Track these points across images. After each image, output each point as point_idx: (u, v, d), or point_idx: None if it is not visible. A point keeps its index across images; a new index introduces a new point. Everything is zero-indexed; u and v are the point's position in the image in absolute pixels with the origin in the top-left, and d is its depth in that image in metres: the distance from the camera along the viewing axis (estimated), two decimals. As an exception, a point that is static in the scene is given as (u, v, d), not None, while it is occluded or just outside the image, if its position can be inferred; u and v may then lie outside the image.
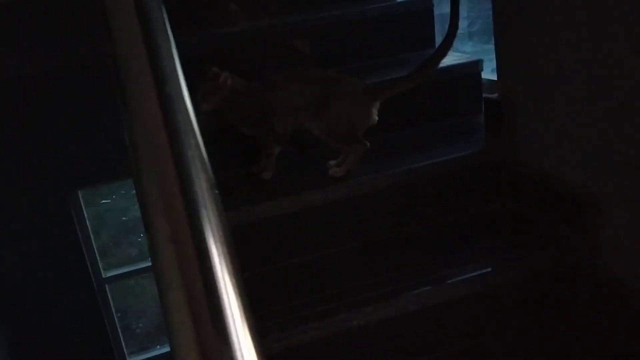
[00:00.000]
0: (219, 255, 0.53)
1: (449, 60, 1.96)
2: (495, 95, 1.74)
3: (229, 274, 0.52)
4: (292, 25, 2.04)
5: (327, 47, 2.06)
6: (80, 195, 3.29)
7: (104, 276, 3.45)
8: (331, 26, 2.05)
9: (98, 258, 3.42)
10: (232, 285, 0.51)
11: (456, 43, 1.68)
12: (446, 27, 1.61)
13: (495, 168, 1.72)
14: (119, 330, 3.56)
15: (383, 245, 1.63)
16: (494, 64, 1.81)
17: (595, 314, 1.54)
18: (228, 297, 0.51)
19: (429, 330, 1.50)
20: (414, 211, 1.69)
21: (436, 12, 2.13)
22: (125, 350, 3.59)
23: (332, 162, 1.63)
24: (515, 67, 1.66)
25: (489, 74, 1.98)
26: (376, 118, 1.60)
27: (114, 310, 3.51)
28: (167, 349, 3.68)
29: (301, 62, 2.02)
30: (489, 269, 1.51)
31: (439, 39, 2.14)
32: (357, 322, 1.39)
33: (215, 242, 0.54)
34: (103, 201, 4.55)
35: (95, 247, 3.39)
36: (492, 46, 1.79)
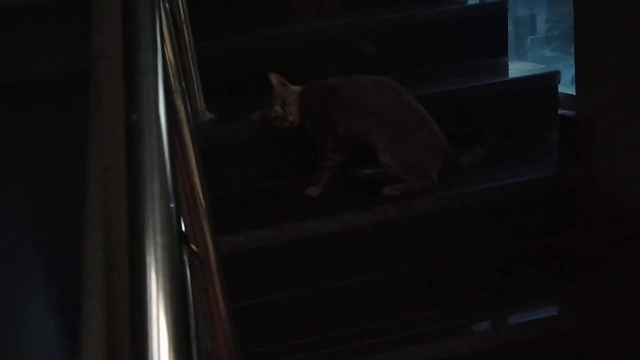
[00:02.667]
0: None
1: (522, 70, 1.79)
2: (572, 113, 1.54)
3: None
4: (355, 26, 1.93)
5: (392, 50, 1.93)
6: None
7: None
8: (397, 29, 1.92)
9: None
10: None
11: (534, 48, 1.52)
12: (519, 31, 1.44)
13: (569, 196, 1.51)
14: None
15: (432, 275, 1.47)
16: (573, 71, 1.62)
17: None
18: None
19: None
20: (471, 239, 1.52)
21: (509, 15, 1.95)
22: None
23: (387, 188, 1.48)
24: (597, 82, 1.46)
25: (567, 84, 1.78)
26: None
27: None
28: None
29: (364, 65, 1.90)
30: (555, 313, 1.33)
31: (511, 45, 1.96)
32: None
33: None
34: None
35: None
36: (571, 51, 1.59)
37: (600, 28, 1.41)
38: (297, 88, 1.53)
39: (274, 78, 1.51)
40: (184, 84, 0.86)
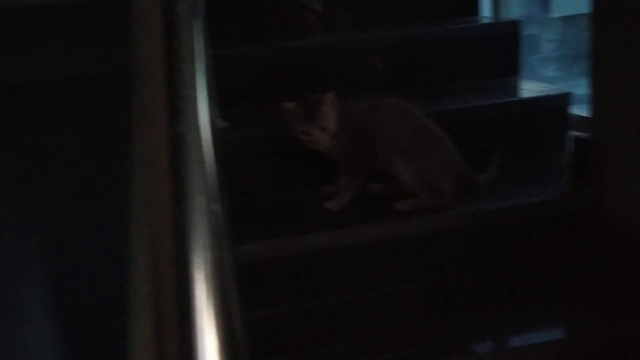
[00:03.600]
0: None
1: (534, 91, 1.79)
2: (587, 135, 1.54)
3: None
4: (366, 41, 1.93)
5: (402, 66, 1.93)
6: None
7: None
8: (408, 45, 1.92)
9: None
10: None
11: (537, 67, 1.52)
12: (530, 50, 1.45)
13: (579, 218, 1.51)
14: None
15: (441, 294, 1.47)
16: (577, 90, 1.63)
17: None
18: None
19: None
20: (480, 258, 1.51)
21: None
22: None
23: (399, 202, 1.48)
24: (613, 106, 1.46)
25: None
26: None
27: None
28: None
29: (374, 80, 1.90)
30: (563, 336, 1.32)
31: (523, 64, 1.96)
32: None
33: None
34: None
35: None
36: (575, 71, 1.60)
37: (618, 52, 1.41)
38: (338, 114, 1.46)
39: (330, 97, 1.42)
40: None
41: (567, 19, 4.40)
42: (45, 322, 2.84)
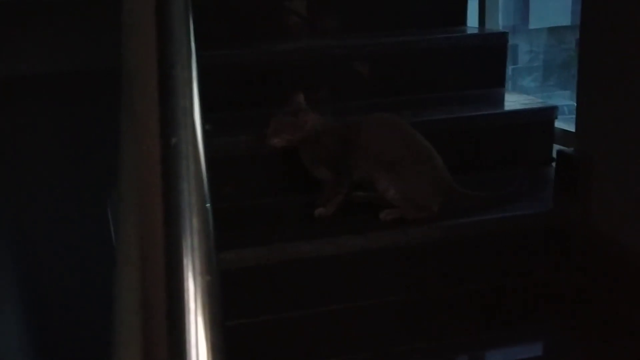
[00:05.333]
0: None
1: (519, 103, 1.79)
2: (571, 150, 1.54)
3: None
4: (352, 48, 1.91)
5: (388, 74, 1.92)
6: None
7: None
8: (395, 53, 1.91)
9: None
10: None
11: (515, 77, 1.53)
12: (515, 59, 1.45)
13: (563, 233, 1.51)
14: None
15: (424, 306, 1.45)
16: (553, 101, 1.63)
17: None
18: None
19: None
20: (463, 271, 1.50)
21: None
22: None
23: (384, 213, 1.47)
24: (598, 122, 1.46)
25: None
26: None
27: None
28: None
29: (359, 87, 1.89)
30: (538, 354, 1.31)
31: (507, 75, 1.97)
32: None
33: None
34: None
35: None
36: (552, 82, 1.60)
37: (604, 68, 1.42)
38: (310, 122, 1.48)
39: (294, 102, 1.49)
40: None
41: (546, 31, 4.44)
42: (13, 318, 2.77)
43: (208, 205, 0.45)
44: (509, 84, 2.03)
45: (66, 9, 2.09)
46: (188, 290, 0.38)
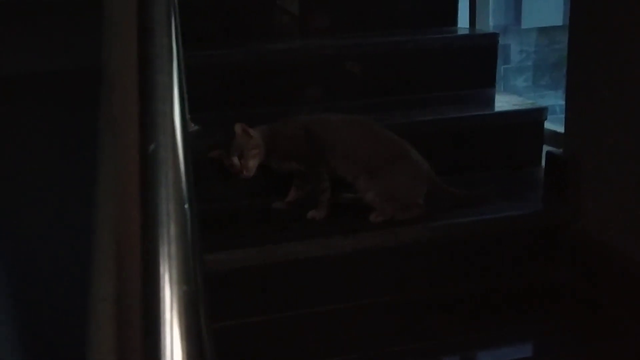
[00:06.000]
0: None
1: (510, 104, 1.79)
2: (559, 151, 1.54)
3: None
4: (344, 47, 1.90)
5: (379, 75, 1.91)
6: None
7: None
8: (385, 53, 1.90)
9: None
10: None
11: (507, 77, 1.53)
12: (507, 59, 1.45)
13: (553, 233, 1.51)
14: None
15: (414, 307, 1.45)
16: (545, 100, 1.63)
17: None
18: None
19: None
20: (454, 272, 1.50)
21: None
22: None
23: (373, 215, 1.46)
24: (586, 123, 1.47)
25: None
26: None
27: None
28: None
29: (350, 87, 1.88)
30: (528, 354, 1.31)
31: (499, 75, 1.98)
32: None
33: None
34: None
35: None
36: (543, 82, 1.61)
37: (593, 70, 1.42)
38: (258, 135, 1.48)
39: (238, 128, 1.45)
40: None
41: (538, 31, 4.45)
42: (6, 321, 2.75)
43: (186, 206, 0.45)
44: (500, 84, 2.04)
45: (66, 9, 2.08)
46: (164, 300, 0.38)
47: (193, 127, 1.60)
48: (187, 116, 1.45)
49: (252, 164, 1.46)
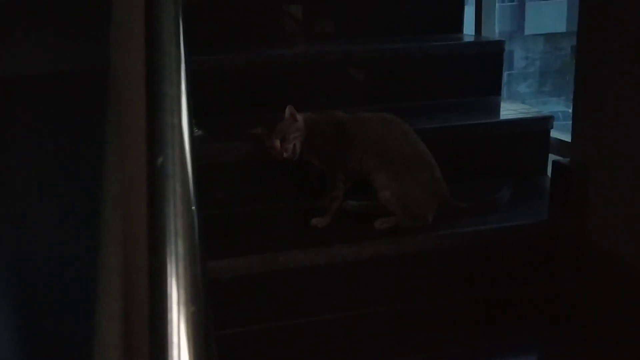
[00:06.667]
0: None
1: (516, 112, 1.78)
2: (566, 160, 1.53)
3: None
4: (348, 53, 1.90)
5: (383, 81, 1.91)
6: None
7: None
8: (390, 59, 1.89)
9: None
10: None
11: (510, 83, 1.51)
12: (511, 65, 1.44)
13: (558, 243, 1.50)
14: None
15: (417, 316, 1.43)
16: (547, 107, 1.62)
17: None
18: None
19: None
20: (458, 281, 1.49)
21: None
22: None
23: (378, 222, 1.45)
24: (593, 133, 1.45)
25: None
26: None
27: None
28: None
29: (355, 93, 1.87)
30: (539, 365, 1.30)
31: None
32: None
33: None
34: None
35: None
36: (546, 88, 1.60)
37: (601, 79, 1.41)
38: (301, 123, 1.48)
39: (288, 110, 1.46)
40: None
41: (541, 37, 4.45)
42: (5, 322, 2.75)
43: (195, 222, 0.43)
44: (504, 90, 2.03)
45: (66, 8, 2.08)
46: (171, 321, 0.37)
47: (196, 131, 1.59)
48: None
49: (292, 147, 1.46)
